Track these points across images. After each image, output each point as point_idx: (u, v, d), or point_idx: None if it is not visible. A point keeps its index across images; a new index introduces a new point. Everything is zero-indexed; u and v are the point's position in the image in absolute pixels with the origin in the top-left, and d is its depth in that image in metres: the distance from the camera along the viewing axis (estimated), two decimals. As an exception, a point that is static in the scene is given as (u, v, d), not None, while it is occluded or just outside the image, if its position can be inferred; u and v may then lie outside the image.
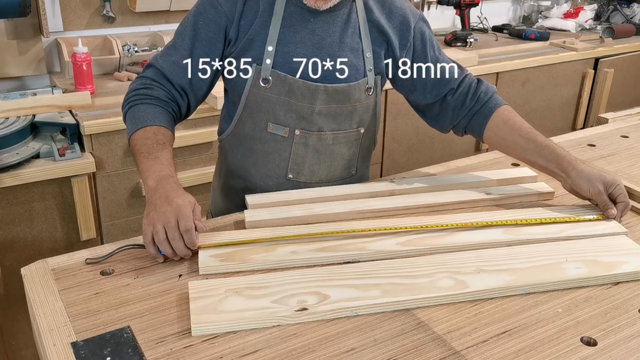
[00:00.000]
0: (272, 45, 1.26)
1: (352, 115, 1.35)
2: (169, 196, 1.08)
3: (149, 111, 1.25)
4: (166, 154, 1.18)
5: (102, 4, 2.45)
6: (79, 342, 0.90)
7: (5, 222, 1.92)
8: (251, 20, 1.27)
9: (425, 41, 1.40)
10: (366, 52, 1.33)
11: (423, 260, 1.10)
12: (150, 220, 1.06)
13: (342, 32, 1.30)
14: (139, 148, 1.20)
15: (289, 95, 1.28)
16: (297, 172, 1.36)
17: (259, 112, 1.31)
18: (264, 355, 0.89)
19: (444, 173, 1.52)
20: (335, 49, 1.30)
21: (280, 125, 1.31)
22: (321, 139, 1.34)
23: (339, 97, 1.31)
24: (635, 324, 0.98)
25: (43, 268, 1.08)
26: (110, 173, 2.07)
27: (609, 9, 3.84)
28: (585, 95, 3.30)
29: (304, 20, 1.28)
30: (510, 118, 1.36)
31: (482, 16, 3.52)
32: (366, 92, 1.34)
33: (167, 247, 1.06)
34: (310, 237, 1.16)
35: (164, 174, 1.14)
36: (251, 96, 1.30)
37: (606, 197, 1.25)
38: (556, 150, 1.30)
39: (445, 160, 1.63)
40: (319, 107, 1.30)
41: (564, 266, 1.09)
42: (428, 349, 0.91)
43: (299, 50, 1.28)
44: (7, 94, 2.10)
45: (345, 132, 1.36)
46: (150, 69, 1.31)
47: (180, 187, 1.13)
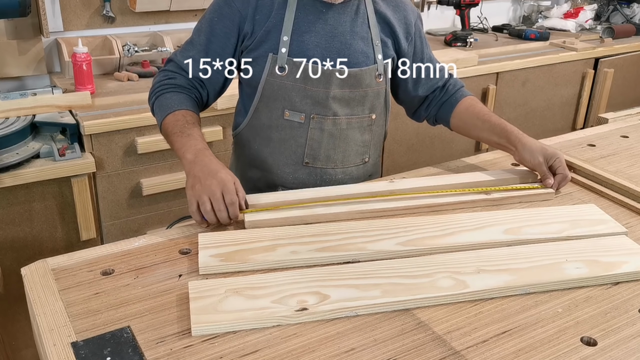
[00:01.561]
0: (287, 35, 1.34)
1: (364, 100, 1.42)
2: (211, 169, 1.19)
3: (175, 98, 1.35)
4: (198, 131, 1.29)
5: (102, 4, 2.45)
6: (79, 342, 0.90)
7: (5, 222, 1.92)
8: (267, 15, 1.36)
9: (423, 39, 1.52)
10: (375, 40, 1.41)
11: (423, 260, 1.10)
12: (197, 192, 1.17)
13: (352, 21, 1.39)
14: (172, 130, 1.30)
15: (304, 81, 1.36)
16: (313, 158, 1.42)
17: (275, 100, 1.39)
18: (264, 355, 0.89)
19: (444, 173, 1.52)
20: (347, 37, 1.38)
21: (297, 111, 1.38)
22: (336, 124, 1.40)
23: (351, 81, 1.38)
24: (635, 324, 0.98)
25: (43, 268, 1.08)
26: (110, 173, 2.07)
27: (609, 9, 3.84)
28: (585, 95, 3.30)
29: (317, 11, 1.37)
30: (472, 105, 1.50)
31: (482, 16, 3.52)
32: (376, 77, 1.42)
33: (212, 217, 1.17)
34: (310, 237, 1.16)
35: (199, 148, 1.25)
36: (268, 85, 1.38)
37: (545, 168, 1.36)
38: (506, 127, 1.42)
39: (445, 160, 1.63)
40: (333, 91, 1.37)
41: (564, 266, 1.09)
42: (428, 349, 0.91)
43: (313, 39, 1.36)
44: (7, 94, 2.10)
45: (358, 117, 1.43)
46: (171, 64, 1.42)
47: (217, 160, 1.24)
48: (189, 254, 1.14)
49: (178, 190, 2.20)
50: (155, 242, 1.18)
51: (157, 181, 2.14)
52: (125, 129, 2.03)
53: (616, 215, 1.31)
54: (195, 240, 1.17)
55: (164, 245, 1.17)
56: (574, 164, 1.51)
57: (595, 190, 1.44)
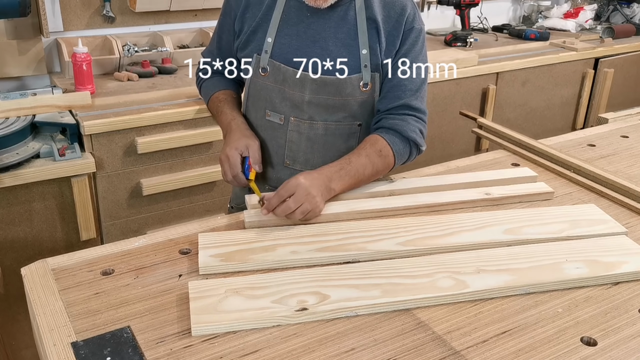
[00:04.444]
0: (271, 37, 1.36)
1: (344, 108, 1.38)
2: (226, 145, 1.37)
3: (209, 84, 1.55)
4: (227, 106, 1.46)
5: (102, 4, 2.45)
6: (79, 342, 0.90)
7: (5, 222, 1.92)
8: (255, 13, 1.37)
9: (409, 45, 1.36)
10: (362, 49, 1.34)
11: (423, 260, 1.10)
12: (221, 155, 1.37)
13: (337, 28, 1.35)
14: (214, 112, 1.50)
15: (283, 83, 1.37)
16: (293, 160, 1.43)
17: (259, 100, 1.42)
18: (264, 355, 0.89)
19: (444, 173, 1.52)
20: (328, 44, 1.34)
21: (277, 112, 1.40)
22: (313, 128, 1.39)
23: (328, 88, 1.35)
24: (635, 324, 0.98)
25: (43, 268, 1.08)
26: (110, 173, 2.07)
27: (609, 9, 3.84)
28: (585, 95, 3.30)
29: (302, 15, 1.35)
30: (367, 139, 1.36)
31: (482, 16, 3.52)
32: (361, 87, 1.36)
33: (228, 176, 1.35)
34: (310, 237, 1.16)
35: (226, 123, 1.43)
36: (252, 85, 1.41)
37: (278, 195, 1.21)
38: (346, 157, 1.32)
39: (445, 160, 1.63)
40: (308, 96, 1.36)
41: (564, 266, 1.09)
42: (428, 349, 0.91)
43: (294, 43, 1.35)
44: (7, 94, 2.10)
45: (338, 124, 1.39)
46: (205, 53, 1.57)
47: (238, 129, 1.39)
48: (189, 254, 1.14)
49: (178, 190, 2.20)
50: (155, 242, 1.18)
51: (157, 181, 2.14)
52: (125, 129, 2.03)
53: (616, 215, 1.31)
54: (195, 240, 1.17)
55: (164, 245, 1.17)
56: (574, 164, 1.51)
57: (595, 190, 1.44)
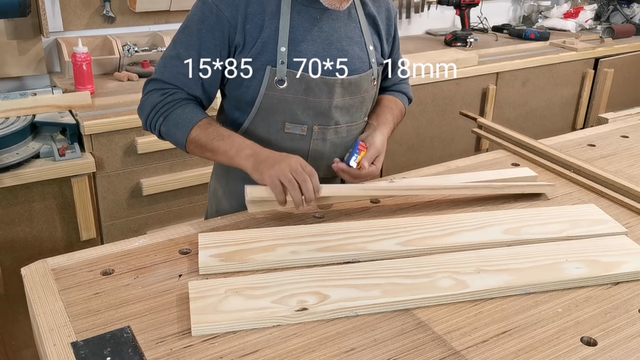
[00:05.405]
0: (284, 46, 1.27)
1: (361, 106, 1.40)
2: (281, 154, 1.22)
3: (188, 111, 1.28)
4: (233, 133, 1.28)
5: (102, 4, 2.45)
6: (79, 342, 0.90)
7: (5, 222, 1.92)
8: (259, 24, 1.27)
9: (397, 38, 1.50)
10: (368, 45, 1.38)
11: (423, 260, 1.10)
12: (276, 172, 1.18)
13: (346, 26, 1.35)
14: (207, 138, 1.26)
15: (306, 93, 1.30)
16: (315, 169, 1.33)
17: (275, 113, 1.32)
18: (264, 355, 0.89)
19: (444, 173, 1.52)
20: (343, 44, 1.33)
21: (298, 124, 1.33)
22: (337, 133, 1.38)
23: (352, 88, 1.35)
24: (635, 324, 0.98)
25: (43, 268, 1.08)
26: (110, 173, 2.07)
27: (609, 9, 3.84)
28: (585, 95, 3.30)
29: (311, 18, 1.30)
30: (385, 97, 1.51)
31: (482, 16, 3.52)
32: (372, 82, 1.39)
33: (297, 192, 1.17)
34: (310, 237, 1.16)
35: (249, 143, 1.25)
36: (266, 99, 1.30)
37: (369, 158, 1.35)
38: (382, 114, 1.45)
39: (445, 160, 1.63)
40: (336, 100, 1.33)
41: (564, 266, 1.09)
42: (428, 349, 0.91)
43: (311, 48, 1.30)
44: (7, 94, 2.10)
45: (356, 123, 1.41)
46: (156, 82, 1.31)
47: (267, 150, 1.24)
48: (189, 254, 1.14)
49: (178, 190, 2.20)
50: (155, 242, 1.18)
51: (157, 181, 2.14)
52: (125, 129, 2.03)
53: (616, 215, 1.31)
54: (195, 240, 1.17)
55: (164, 245, 1.17)
56: (574, 164, 1.51)
57: (595, 190, 1.44)
